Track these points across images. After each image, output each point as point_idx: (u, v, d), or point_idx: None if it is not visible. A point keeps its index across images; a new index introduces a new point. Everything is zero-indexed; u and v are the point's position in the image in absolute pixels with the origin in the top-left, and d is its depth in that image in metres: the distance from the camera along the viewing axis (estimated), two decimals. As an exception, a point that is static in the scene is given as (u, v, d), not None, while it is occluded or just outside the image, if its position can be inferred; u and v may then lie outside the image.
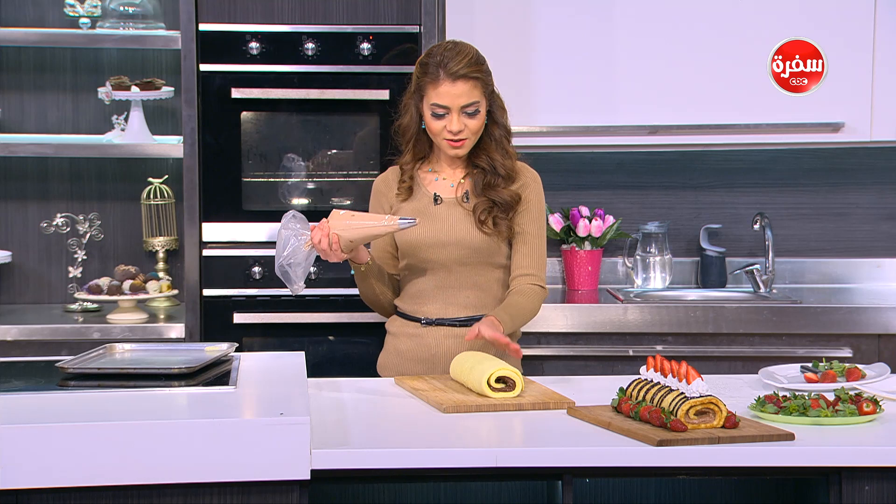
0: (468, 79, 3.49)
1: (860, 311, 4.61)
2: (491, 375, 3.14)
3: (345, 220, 3.41)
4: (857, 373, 3.31)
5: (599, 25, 4.76)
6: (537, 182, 3.64)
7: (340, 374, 3.68)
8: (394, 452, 2.75)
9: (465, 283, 3.58)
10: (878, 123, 4.79)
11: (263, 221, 4.54)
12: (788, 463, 2.76)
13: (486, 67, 3.55)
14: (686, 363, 2.91)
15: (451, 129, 3.51)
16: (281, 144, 4.56)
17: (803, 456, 2.76)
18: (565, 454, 2.76)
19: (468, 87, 3.49)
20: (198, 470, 2.65)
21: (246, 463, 2.66)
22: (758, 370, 3.43)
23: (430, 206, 3.60)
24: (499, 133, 3.59)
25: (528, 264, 3.58)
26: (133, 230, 4.94)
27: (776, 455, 2.75)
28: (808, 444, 2.77)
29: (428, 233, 3.57)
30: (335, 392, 3.27)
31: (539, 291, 3.58)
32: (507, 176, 3.57)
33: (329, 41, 4.51)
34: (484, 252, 3.56)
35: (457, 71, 3.48)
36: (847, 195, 5.17)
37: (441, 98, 3.49)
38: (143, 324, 4.52)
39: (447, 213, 3.58)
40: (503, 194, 3.55)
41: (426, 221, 3.57)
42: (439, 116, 3.51)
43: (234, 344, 3.39)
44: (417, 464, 2.73)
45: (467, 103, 3.50)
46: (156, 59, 4.89)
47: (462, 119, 3.51)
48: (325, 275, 4.54)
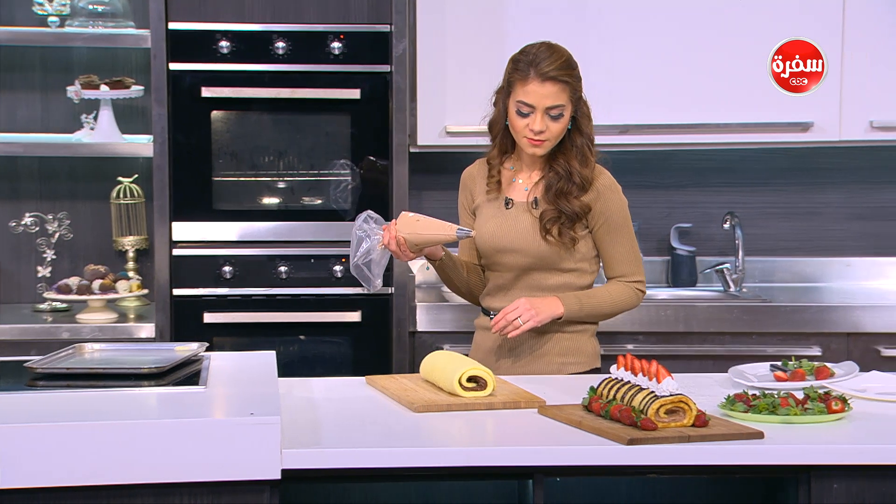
0: (557, 81, 3.48)
1: (830, 311, 4.64)
2: (462, 375, 3.14)
3: (410, 223, 3.49)
4: (826, 371, 3.32)
5: (571, 24, 4.76)
6: (612, 189, 3.60)
7: (312, 374, 3.68)
8: (365, 452, 2.74)
9: (531, 286, 3.59)
10: (847, 123, 4.81)
11: (234, 221, 4.53)
12: (758, 461, 2.77)
13: (576, 73, 3.53)
14: (656, 362, 2.92)
15: (533, 129, 3.50)
16: (252, 143, 4.55)
17: (772, 454, 2.77)
18: (536, 453, 2.76)
19: (556, 89, 3.49)
20: (168, 470, 2.64)
21: (216, 463, 2.65)
22: (728, 369, 3.44)
23: (502, 209, 3.63)
24: (581, 141, 3.57)
25: (621, 271, 3.60)
26: (103, 229, 4.92)
27: (746, 454, 2.76)
28: (777, 443, 2.78)
29: (496, 238, 3.60)
30: (306, 392, 3.26)
31: (628, 288, 3.59)
32: (581, 185, 3.55)
33: (300, 40, 4.51)
34: (547, 259, 3.57)
35: (547, 72, 3.48)
36: (817, 195, 5.20)
37: (528, 96, 3.49)
38: (112, 323, 4.51)
39: (515, 219, 3.59)
40: (573, 204, 3.54)
41: (496, 225, 3.61)
42: (524, 115, 3.51)
43: (204, 343, 3.38)
44: (388, 463, 2.73)
45: (552, 105, 3.49)
46: (126, 57, 4.87)
47: (545, 120, 3.50)
48: (297, 274, 4.53)
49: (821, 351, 4.57)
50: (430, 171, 5.04)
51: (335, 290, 4.55)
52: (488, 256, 3.65)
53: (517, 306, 3.50)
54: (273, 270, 4.53)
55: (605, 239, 3.60)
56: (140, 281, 4.72)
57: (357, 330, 4.56)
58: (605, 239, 3.60)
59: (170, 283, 4.49)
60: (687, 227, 5.13)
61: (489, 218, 3.63)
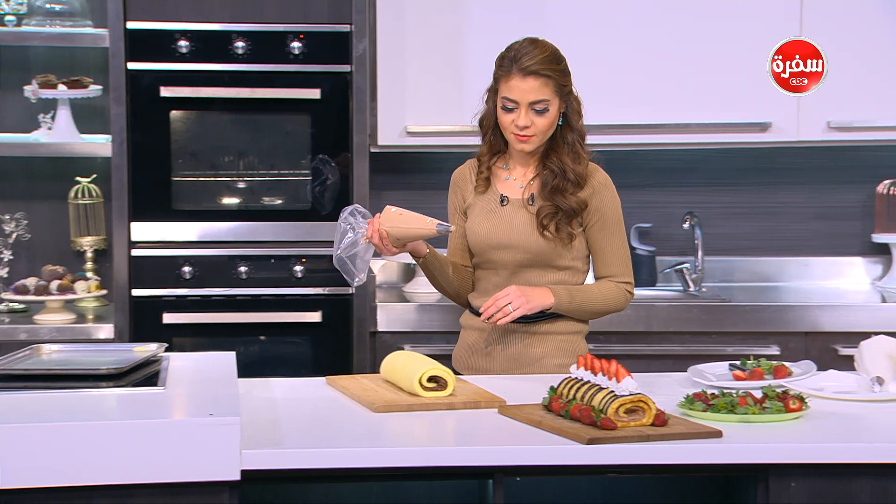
0: (539, 76, 3.48)
1: (788, 310, 4.67)
2: (423, 375, 3.14)
3: (393, 217, 3.48)
4: (784, 370, 3.34)
5: (531, 25, 4.75)
6: (607, 186, 3.61)
7: (272, 374, 3.66)
8: (325, 452, 2.74)
9: (525, 283, 3.56)
10: (805, 123, 4.84)
11: (194, 221, 4.51)
12: (716, 460, 2.78)
13: (561, 67, 3.53)
14: (616, 361, 2.93)
15: (518, 124, 3.50)
16: (211, 143, 4.54)
17: (731, 453, 2.78)
18: (496, 453, 2.76)
19: (538, 83, 3.48)
20: (127, 471, 2.63)
21: (175, 464, 2.64)
22: (687, 368, 3.45)
23: (497, 206, 3.61)
24: (572, 137, 3.57)
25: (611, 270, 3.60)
26: (61, 230, 4.89)
27: (704, 452, 2.77)
28: (735, 442, 2.79)
29: (491, 234, 3.58)
30: (266, 392, 3.25)
31: (618, 288, 3.59)
32: (576, 182, 3.55)
33: (260, 40, 4.50)
34: (544, 256, 3.56)
35: (528, 66, 3.47)
36: (776, 195, 5.23)
37: (511, 92, 3.49)
38: (71, 324, 4.48)
39: (511, 216, 3.58)
40: (570, 200, 3.54)
41: (491, 222, 3.59)
42: (509, 110, 3.51)
43: (163, 344, 3.36)
44: (349, 463, 2.73)
45: (536, 100, 3.49)
46: (84, 57, 4.84)
47: (530, 115, 3.50)
48: (257, 274, 4.52)
49: (779, 350, 4.60)
50: (391, 170, 5.04)
51: (296, 290, 4.54)
52: (481, 254, 3.62)
53: (508, 293, 3.47)
54: (233, 271, 4.52)
55: (598, 236, 3.59)
56: (99, 281, 4.70)
57: (318, 330, 4.55)
58: (598, 236, 3.59)
59: (129, 283, 4.47)
60: (647, 227, 5.15)
61: (483, 215, 3.61)
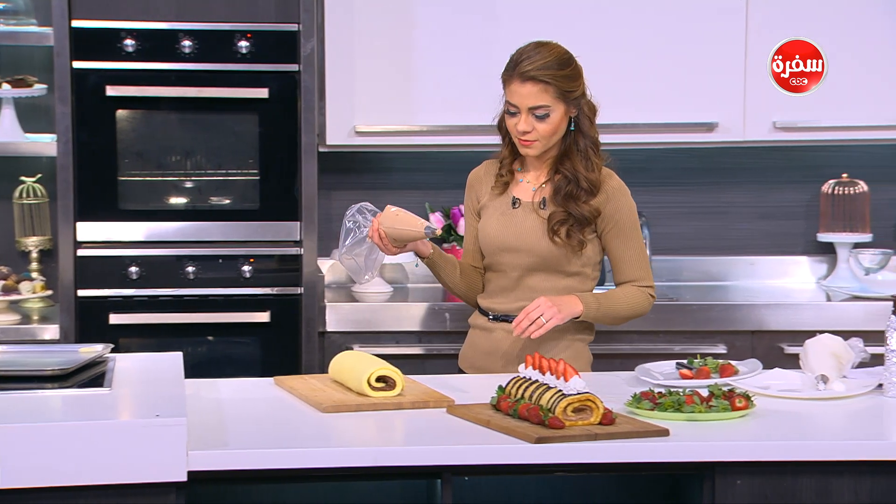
0: (537, 81, 3.44)
1: (735, 309, 4.70)
2: (371, 375, 3.14)
3: (391, 217, 3.49)
4: (730, 369, 3.37)
5: (482, 24, 4.77)
6: (622, 192, 3.58)
7: (220, 375, 3.65)
8: (272, 453, 2.73)
9: (533, 288, 3.54)
10: (751, 123, 4.87)
11: (140, 220, 4.49)
12: (663, 458, 2.80)
13: (565, 73, 3.47)
14: (564, 361, 2.94)
15: (518, 129, 3.49)
16: (158, 143, 4.51)
17: (678, 452, 2.80)
18: (444, 452, 2.77)
19: (536, 89, 3.45)
20: (73, 473, 2.61)
21: (122, 465, 2.62)
22: (635, 367, 3.47)
23: (509, 209, 3.59)
24: (584, 144, 3.54)
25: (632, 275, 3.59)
26: (5, 230, 4.84)
27: (651, 451, 2.79)
28: (682, 440, 2.81)
29: (501, 237, 3.57)
30: (214, 393, 3.24)
31: (642, 293, 3.58)
32: (589, 190, 3.52)
33: (207, 39, 4.47)
34: (553, 261, 3.53)
35: (526, 71, 3.44)
36: (723, 194, 5.26)
37: (512, 96, 3.48)
38: (15, 325, 4.44)
39: (522, 219, 3.56)
40: (582, 208, 3.51)
41: (501, 224, 3.57)
42: (511, 114, 3.50)
43: (109, 345, 3.34)
44: (296, 464, 2.72)
45: (535, 105, 3.46)
46: (28, 55, 4.80)
47: (531, 120, 3.47)
48: (205, 274, 4.50)
49: (726, 349, 4.63)
50: (340, 170, 5.03)
51: (243, 290, 4.52)
52: (491, 255, 3.61)
53: (539, 304, 3.42)
54: (180, 271, 4.50)
55: (615, 242, 3.57)
56: (44, 282, 4.66)
57: (266, 330, 4.54)
58: (614, 242, 3.57)
59: (74, 283, 4.43)
60: (595, 226, 5.16)
61: (495, 217, 3.60)
